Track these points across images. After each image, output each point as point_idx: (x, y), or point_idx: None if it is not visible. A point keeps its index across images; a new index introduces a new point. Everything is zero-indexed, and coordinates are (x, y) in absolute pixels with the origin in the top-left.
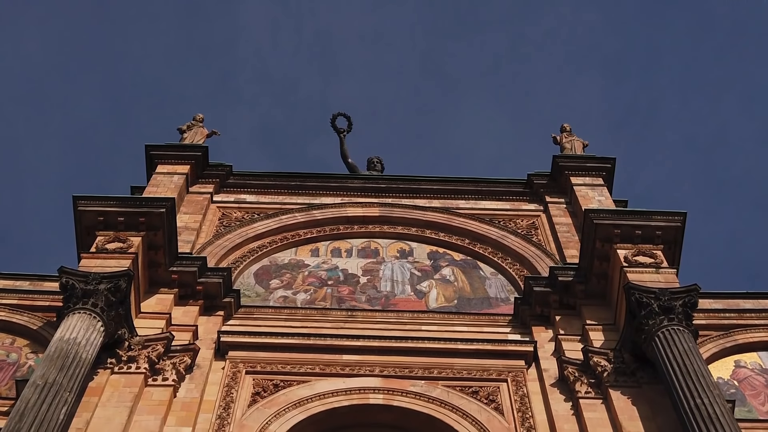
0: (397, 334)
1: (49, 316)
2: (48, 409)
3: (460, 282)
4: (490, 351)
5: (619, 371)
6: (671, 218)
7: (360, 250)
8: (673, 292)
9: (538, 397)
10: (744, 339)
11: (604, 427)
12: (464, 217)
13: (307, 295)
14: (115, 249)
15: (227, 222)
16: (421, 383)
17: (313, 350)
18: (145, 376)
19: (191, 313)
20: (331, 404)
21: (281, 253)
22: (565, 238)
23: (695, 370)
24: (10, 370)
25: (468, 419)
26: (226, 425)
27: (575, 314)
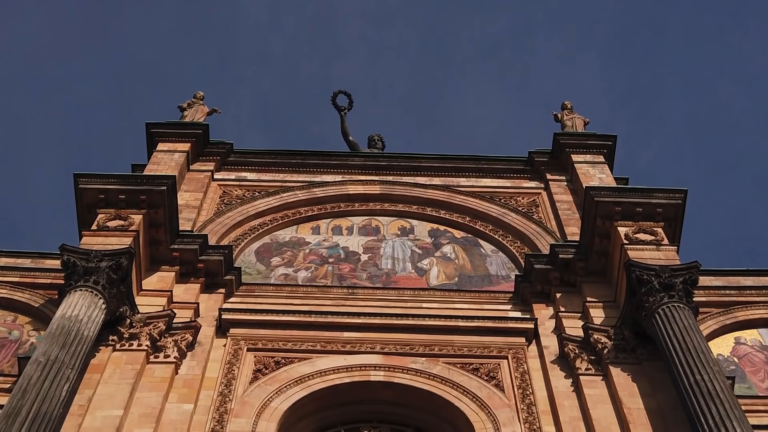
0: (397, 312)
1: (50, 293)
2: (50, 386)
3: (460, 259)
4: (490, 328)
5: (619, 348)
6: (672, 195)
7: (361, 227)
8: (673, 269)
9: (538, 374)
10: (744, 316)
11: (604, 404)
12: (465, 195)
13: (308, 272)
14: (116, 226)
15: (228, 200)
16: (421, 360)
17: (314, 327)
18: (146, 353)
19: (192, 290)
20: (332, 381)
21: (282, 231)
22: (565, 215)
23: (695, 346)
24: (12, 347)
25: (468, 396)
26: (227, 402)
27: (576, 291)
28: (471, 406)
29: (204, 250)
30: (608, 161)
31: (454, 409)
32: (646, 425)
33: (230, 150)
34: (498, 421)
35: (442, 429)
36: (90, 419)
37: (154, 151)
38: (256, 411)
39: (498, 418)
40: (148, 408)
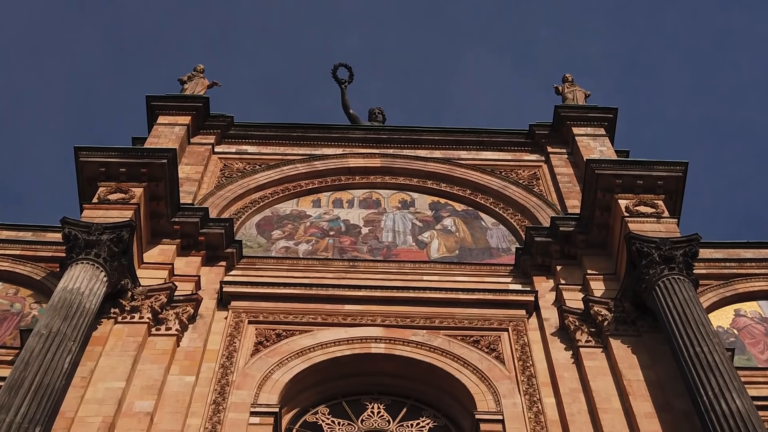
0: (398, 284)
1: (52, 266)
2: (53, 358)
3: (461, 232)
4: (491, 301)
5: (619, 320)
6: (673, 168)
7: (361, 200)
8: (673, 242)
9: (538, 346)
10: (744, 288)
11: (604, 376)
12: (466, 168)
13: (308, 245)
14: (117, 200)
15: (229, 173)
16: (422, 333)
17: (315, 300)
18: (148, 325)
19: (194, 263)
20: (333, 353)
21: (283, 204)
22: (566, 188)
23: (695, 318)
24: (14, 320)
25: (469, 368)
26: (229, 374)
27: (576, 264)
28: (471, 378)
29: (205, 223)
30: (609, 134)
31: (455, 381)
32: (646, 396)
33: (231, 123)
34: (498, 393)
35: (442, 400)
36: (92, 391)
37: (155, 124)
38: (258, 383)
39: (498, 390)
40: (150, 380)
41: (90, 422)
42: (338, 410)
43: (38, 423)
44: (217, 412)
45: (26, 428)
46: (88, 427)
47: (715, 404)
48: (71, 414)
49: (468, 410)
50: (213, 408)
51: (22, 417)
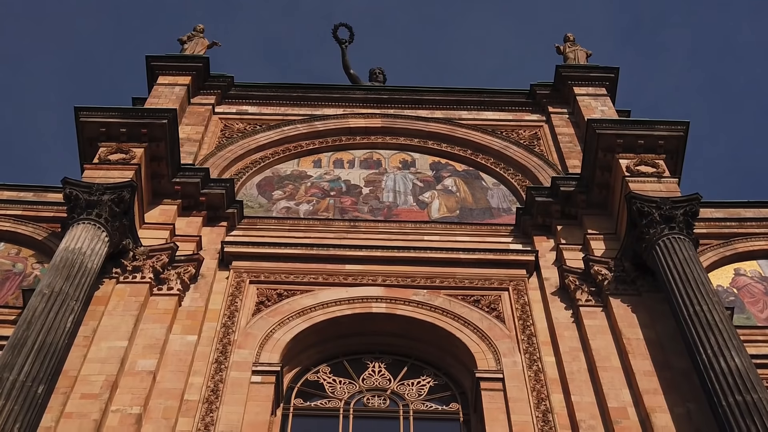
0: (399, 245)
1: (53, 226)
2: (55, 318)
3: (462, 192)
4: (491, 260)
5: (619, 280)
6: (674, 128)
7: (362, 161)
8: (674, 201)
9: (539, 306)
10: (744, 247)
11: (603, 334)
12: (467, 128)
13: (309, 206)
14: (117, 160)
15: (229, 133)
16: (423, 292)
17: (316, 260)
18: (150, 285)
19: (195, 223)
20: (334, 313)
21: (284, 165)
22: (567, 148)
23: (695, 278)
24: (17, 279)
25: (470, 327)
26: (230, 333)
27: (576, 224)
28: (472, 337)
29: (206, 183)
30: (610, 94)
31: (456, 340)
32: (645, 355)
33: (231, 83)
34: (498, 352)
35: (443, 360)
36: (95, 350)
37: (155, 85)
38: (259, 342)
39: (498, 349)
40: (153, 339)
41: (93, 381)
42: (339, 369)
43: (42, 381)
44: (219, 371)
45: (30, 386)
46: (91, 386)
47: (714, 362)
48: (74, 373)
49: (468, 369)
50: (215, 367)
51: (25, 375)
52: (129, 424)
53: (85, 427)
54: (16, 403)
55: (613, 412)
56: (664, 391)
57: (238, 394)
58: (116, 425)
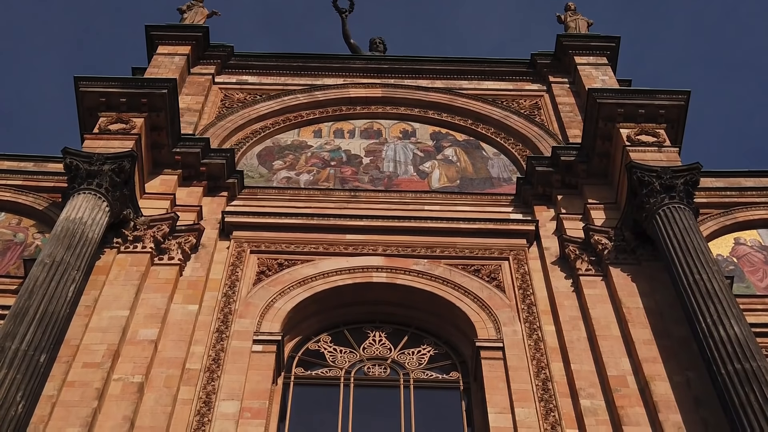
0: (399, 214)
1: (54, 196)
2: (57, 287)
3: (462, 162)
4: (492, 230)
5: (619, 249)
6: (675, 97)
7: (363, 131)
8: (674, 171)
9: (539, 275)
10: (744, 217)
11: (603, 303)
12: (467, 98)
13: (310, 175)
14: (117, 130)
15: (229, 103)
16: (423, 262)
17: (317, 230)
18: (151, 255)
19: (195, 193)
20: (335, 282)
21: (284, 135)
22: (568, 118)
23: (695, 247)
24: (18, 249)
25: (470, 296)
26: (231, 303)
27: (577, 194)
28: (472, 306)
29: (206, 153)
30: (611, 63)
31: (456, 310)
32: (645, 324)
33: (231, 53)
34: (499, 321)
35: (443, 329)
36: (96, 319)
37: (155, 54)
38: (260, 311)
39: (499, 318)
40: (154, 309)
41: (95, 350)
42: (340, 338)
43: (44, 350)
44: (221, 340)
45: (32, 355)
46: (93, 355)
47: (714, 331)
48: (76, 342)
49: (469, 338)
50: (216, 336)
51: (27, 344)
52: (131, 393)
53: (88, 396)
54: (19, 371)
55: (613, 380)
56: (664, 360)
57: (240, 363)
58: (118, 393)
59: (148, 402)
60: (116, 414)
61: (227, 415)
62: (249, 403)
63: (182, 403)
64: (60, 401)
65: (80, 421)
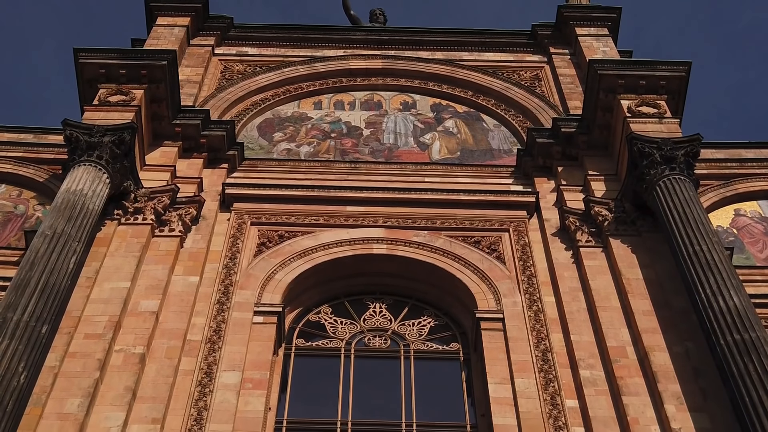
0: (400, 186)
1: (54, 168)
2: (58, 259)
3: (462, 134)
4: (492, 202)
5: (619, 220)
6: (676, 68)
7: (363, 102)
8: (675, 142)
9: (539, 247)
10: (744, 188)
11: (603, 275)
12: (468, 69)
13: (310, 147)
14: (117, 101)
15: (229, 75)
16: (424, 234)
17: (317, 202)
18: (151, 227)
19: (195, 165)
20: (336, 254)
21: (284, 106)
22: (568, 89)
23: (695, 218)
24: (18, 221)
25: (470, 268)
26: (232, 274)
27: (577, 165)
28: (472, 277)
29: (206, 125)
30: (612, 34)
31: (456, 281)
32: (645, 295)
33: (230, 24)
34: (499, 292)
35: (443, 300)
36: (98, 291)
37: (154, 26)
38: (261, 283)
39: (499, 289)
40: (155, 280)
41: (96, 321)
42: (340, 309)
43: (45, 321)
44: (221, 312)
45: (34, 326)
46: (94, 326)
47: (713, 301)
48: (77, 313)
49: (469, 309)
50: (217, 308)
51: (29, 315)
52: (132, 364)
53: (89, 366)
54: (21, 342)
55: (612, 351)
56: (663, 330)
57: (241, 334)
58: (120, 364)
59: (149, 373)
60: (118, 384)
61: (228, 386)
62: (250, 373)
63: (183, 374)
64: (62, 372)
65: (82, 392)
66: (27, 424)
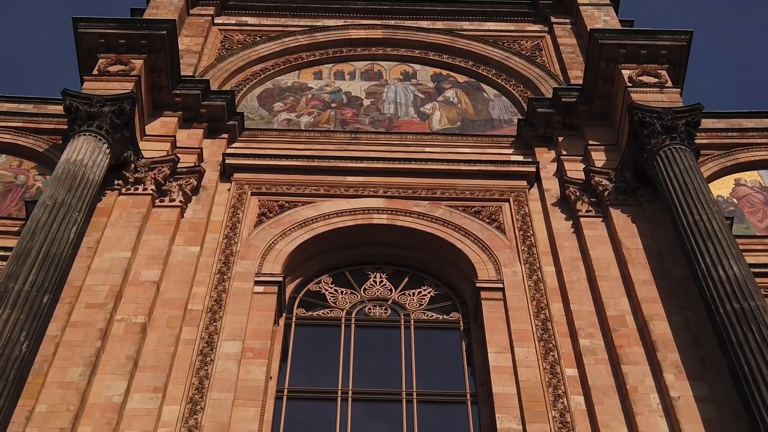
0: (400, 156)
1: (54, 138)
2: (58, 228)
3: (463, 104)
4: (492, 172)
5: (619, 190)
6: (677, 37)
7: (363, 72)
8: (676, 112)
9: (539, 216)
10: (745, 158)
11: (603, 244)
12: (468, 39)
13: (310, 117)
14: (117, 71)
15: (229, 45)
16: (424, 204)
17: (318, 172)
18: (152, 197)
19: (196, 135)
20: (336, 224)
21: (284, 76)
22: (569, 59)
23: (695, 187)
24: (19, 191)
25: (470, 238)
26: (233, 244)
27: (578, 135)
28: (472, 247)
29: (206, 95)
30: (613, 3)
31: (456, 251)
32: (644, 264)
33: None
34: (499, 262)
35: (444, 270)
36: (99, 261)
37: None
38: (261, 253)
39: (499, 259)
40: (156, 250)
41: (98, 291)
42: (341, 279)
43: (47, 291)
44: (222, 282)
45: (35, 296)
46: (96, 296)
47: (713, 271)
48: (79, 283)
49: (469, 279)
50: (218, 277)
51: (30, 285)
52: (134, 333)
53: (91, 336)
54: (22, 312)
55: (612, 320)
56: (663, 300)
57: (241, 303)
58: (121, 334)
59: (150, 342)
60: (119, 354)
61: (229, 355)
62: (251, 343)
63: (185, 343)
64: (64, 341)
65: (84, 361)
66: (29, 392)
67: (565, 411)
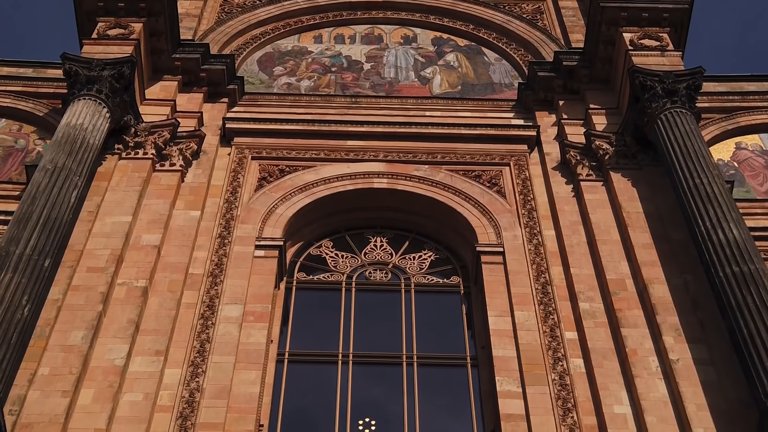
0: (400, 120)
1: (54, 102)
2: (59, 193)
3: (464, 68)
4: (493, 136)
5: (620, 154)
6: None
7: (363, 36)
8: (677, 75)
9: (539, 180)
10: (746, 121)
11: (603, 208)
12: (469, 2)
13: (310, 81)
14: (116, 35)
15: (229, 8)
16: (424, 168)
17: (318, 136)
18: (152, 161)
19: (196, 100)
20: (336, 188)
21: (284, 40)
22: (570, 22)
23: (696, 151)
24: (19, 155)
25: (470, 202)
26: (233, 209)
27: (579, 99)
28: (473, 211)
29: (206, 59)
30: None
31: (456, 215)
32: (645, 228)
33: None
34: (499, 226)
35: (444, 234)
36: (99, 225)
37: None
38: (262, 217)
39: (499, 223)
40: (156, 214)
41: (98, 255)
42: (341, 243)
43: (48, 255)
44: (223, 246)
45: (36, 260)
46: (96, 260)
47: (713, 234)
48: (80, 247)
49: (469, 243)
50: (219, 242)
51: (31, 249)
52: (135, 297)
53: (92, 300)
54: (24, 275)
55: (612, 283)
56: (663, 263)
57: (242, 267)
58: (123, 297)
59: (152, 306)
60: (121, 317)
61: (230, 319)
62: (252, 306)
63: (186, 306)
64: (65, 305)
65: (86, 324)
66: (31, 355)
67: (565, 374)
